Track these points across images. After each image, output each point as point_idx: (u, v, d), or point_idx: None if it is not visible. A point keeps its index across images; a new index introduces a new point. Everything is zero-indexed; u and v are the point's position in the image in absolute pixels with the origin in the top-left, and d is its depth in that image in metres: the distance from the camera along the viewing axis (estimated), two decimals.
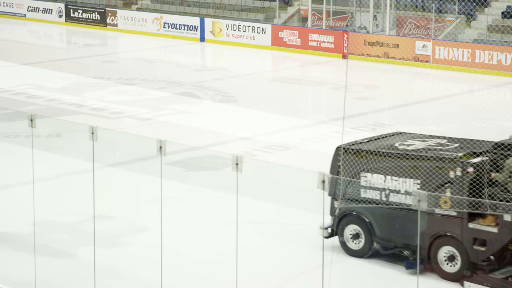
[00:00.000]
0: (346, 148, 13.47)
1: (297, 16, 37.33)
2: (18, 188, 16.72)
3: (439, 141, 13.56)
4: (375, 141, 13.90)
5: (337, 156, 13.47)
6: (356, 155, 13.29)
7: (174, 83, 28.13)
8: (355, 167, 13.34)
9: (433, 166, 12.53)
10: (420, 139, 13.74)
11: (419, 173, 12.63)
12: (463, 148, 12.98)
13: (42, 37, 41.56)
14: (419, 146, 13.28)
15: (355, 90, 26.46)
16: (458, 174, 12.30)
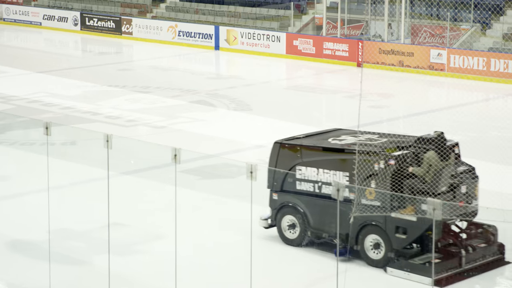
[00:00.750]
0: (282, 143, 14.24)
1: (311, 24, 37.34)
2: (33, 195, 16.77)
3: (370, 136, 14.19)
4: (311, 137, 14.74)
5: (275, 150, 14.27)
6: (291, 150, 14.04)
7: (188, 91, 28.17)
8: (291, 161, 14.04)
9: (360, 159, 13.13)
10: (353, 135, 14.40)
11: (347, 166, 13.31)
12: (391, 143, 13.67)
13: (57, 45, 41.72)
14: (350, 141, 13.96)
15: (370, 98, 26.42)
16: (381, 167, 12.96)
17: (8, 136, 21.10)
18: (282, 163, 14.18)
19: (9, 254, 13.70)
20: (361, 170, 13.14)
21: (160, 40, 39.52)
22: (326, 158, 13.69)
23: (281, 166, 14.16)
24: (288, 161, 14.12)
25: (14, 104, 25.92)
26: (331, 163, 13.60)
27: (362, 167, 13.11)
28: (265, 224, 14.31)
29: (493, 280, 12.81)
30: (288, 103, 26.91)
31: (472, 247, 13.03)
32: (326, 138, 14.45)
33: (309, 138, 14.66)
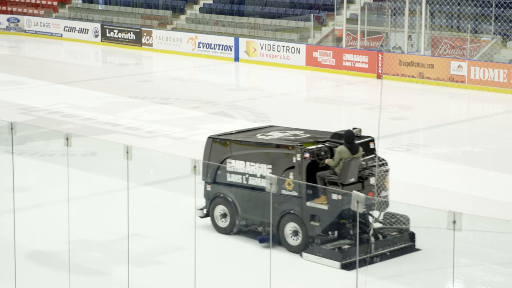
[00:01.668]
0: (214, 138, 15.31)
1: (331, 36, 37.34)
2: (53, 206, 16.82)
3: (295, 132, 15.29)
4: (242, 133, 15.79)
5: (208, 145, 15.34)
6: (222, 144, 15.13)
7: (208, 102, 28.21)
8: (222, 155, 15.13)
9: (280, 153, 14.31)
10: (281, 131, 15.47)
11: (270, 159, 14.45)
12: (311, 138, 14.74)
13: (78, 56, 41.93)
14: (275, 136, 15.05)
15: (390, 110, 26.37)
16: (298, 160, 14.04)
17: (28, 147, 21.18)
18: (214, 157, 15.22)
19: (29, 265, 13.73)
20: (280, 163, 14.27)
21: (180, 52, 39.64)
22: (252, 152, 14.76)
23: (214, 160, 15.18)
24: (219, 155, 15.18)
25: (35, 115, 26.04)
26: (256, 157, 14.65)
27: (283, 160, 14.25)
28: (201, 214, 15.29)
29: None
30: (307, 114, 26.89)
31: (383, 235, 14.03)
32: (255, 134, 15.48)
33: (240, 133, 15.69)
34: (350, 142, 14.02)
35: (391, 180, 14.61)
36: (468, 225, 9.45)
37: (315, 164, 14.12)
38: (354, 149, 14.02)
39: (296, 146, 14.18)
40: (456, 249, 9.79)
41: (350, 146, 13.99)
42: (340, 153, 13.88)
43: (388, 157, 18.30)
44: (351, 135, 14.07)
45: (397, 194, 17.14)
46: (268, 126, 16.41)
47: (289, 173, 14.21)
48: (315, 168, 14.15)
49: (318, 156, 14.13)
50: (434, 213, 11.91)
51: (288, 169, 14.22)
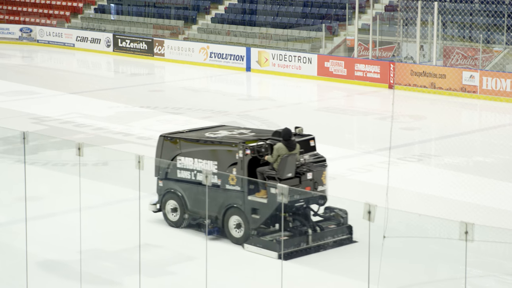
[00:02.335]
0: (165, 136, 16.15)
1: (343, 46, 37.35)
2: (65, 216, 16.85)
3: (242, 131, 16.15)
4: (193, 131, 16.58)
5: (160, 143, 16.15)
6: (172, 142, 15.94)
7: (220, 112, 28.24)
8: (172, 152, 15.93)
9: (224, 150, 15.15)
10: (229, 130, 16.33)
11: (216, 156, 15.29)
12: (255, 136, 15.56)
13: (90, 66, 42.06)
14: (222, 135, 15.87)
15: (402, 120, 26.33)
16: (241, 156, 14.87)
17: (40, 156, 21.24)
18: (165, 154, 16.05)
19: (40, 274, 13.75)
20: (225, 159, 15.13)
21: (191, 62, 39.71)
22: (199, 149, 15.56)
23: (165, 157, 16.04)
24: (170, 152, 15.99)
25: (47, 125, 26.12)
26: (203, 154, 15.47)
27: (227, 156, 15.11)
28: (153, 209, 16.11)
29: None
30: (319, 124, 26.87)
31: (321, 228, 14.92)
32: (204, 132, 16.27)
33: (190, 132, 16.49)
34: (288, 139, 14.82)
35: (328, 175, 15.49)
36: (480, 236, 9.42)
37: (256, 160, 14.96)
38: (291, 146, 14.83)
39: (238, 143, 14.99)
40: (468, 260, 9.76)
41: (287, 143, 14.79)
42: (278, 150, 14.72)
43: (400, 167, 18.37)
44: (288, 133, 14.88)
45: (409, 205, 17.11)
46: (219, 126, 17.36)
47: (232, 169, 15.00)
48: (256, 164, 14.97)
49: (258, 152, 14.99)
50: (446, 223, 11.90)
51: (232, 165, 15.04)
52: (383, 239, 13.49)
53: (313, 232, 14.73)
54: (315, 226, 14.88)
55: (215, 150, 15.34)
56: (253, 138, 15.38)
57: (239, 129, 16.43)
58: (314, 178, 15.13)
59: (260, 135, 15.70)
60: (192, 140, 15.80)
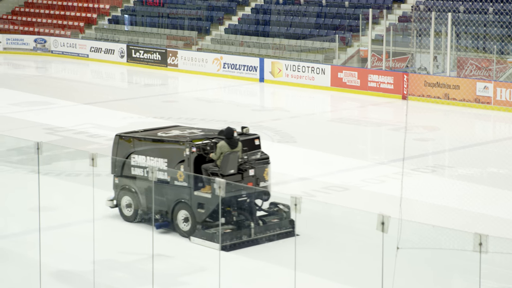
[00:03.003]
0: (120, 135, 17.03)
1: (356, 57, 37.34)
2: (79, 226, 16.87)
3: (193, 131, 17.04)
4: (147, 131, 17.41)
5: (115, 142, 17.04)
6: (127, 141, 16.84)
7: (233, 122, 28.23)
8: (127, 150, 16.79)
9: (173, 148, 16.03)
10: (181, 130, 17.22)
11: (166, 154, 16.16)
12: (204, 135, 16.44)
13: (104, 77, 42.19)
14: (173, 134, 16.72)
15: (415, 131, 26.28)
16: (187, 154, 15.76)
17: (54, 167, 21.28)
18: (121, 152, 16.90)
19: (54, 284, 13.77)
20: (174, 157, 16.00)
21: (205, 72, 39.78)
22: (151, 148, 16.45)
23: (120, 155, 16.85)
24: (125, 150, 16.84)
25: (61, 135, 26.19)
26: (155, 152, 16.34)
27: (176, 154, 15.98)
28: (110, 204, 16.97)
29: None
30: (332, 135, 26.87)
31: (263, 221, 15.73)
32: (157, 132, 17.12)
33: (144, 132, 17.34)
34: (230, 138, 15.77)
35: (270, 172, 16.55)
36: (494, 247, 9.39)
37: (202, 157, 15.89)
38: (233, 144, 15.78)
39: (185, 142, 15.89)
40: (482, 271, 9.72)
41: (229, 141, 15.74)
42: (220, 148, 15.63)
43: (413, 178, 18.32)
44: (230, 132, 15.83)
45: (423, 216, 17.05)
46: (172, 126, 18.26)
47: (180, 165, 15.90)
48: (202, 161, 15.90)
49: (204, 150, 15.89)
50: (460, 235, 11.85)
51: (180, 162, 15.93)
52: (397, 250, 13.45)
53: (256, 225, 15.54)
54: (258, 220, 15.70)
55: (165, 148, 16.23)
56: (200, 137, 16.25)
57: (191, 129, 17.31)
58: (256, 174, 16.07)
59: (208, 134, 16.57)
60: (144, 139, 16.70)
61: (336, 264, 14.73)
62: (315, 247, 14.93)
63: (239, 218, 15.65)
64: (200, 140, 16.06)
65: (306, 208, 13.51)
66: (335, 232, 15.76)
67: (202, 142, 15.98)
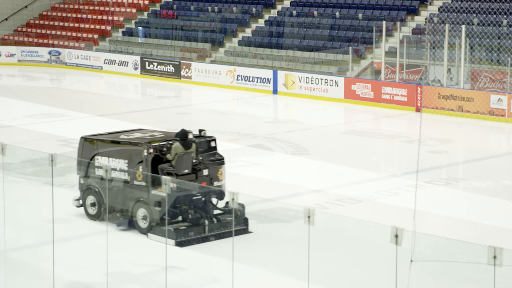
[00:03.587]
0: (85, 138, 18.00)
1: (370, 69, 37.33)
2: (92, 238, 16.90)
3: (154, 134, 17.96)
4: (111, 134, 18.28)
5: (80, 144, 18.01)
6: (91, 143, 17.80)
7: (246, 135, 28.26)
8: (91, 152, 17.70)
9: (133, 149, 16.90)
10: (143, 133, 18.03)
11: (126, 155, 16.98)
12: (162, 138, 17.30)
13: (118, 89, 42.31)
14: (134, 136, 17.56)
15: (429, 143, 26.22)
16: (145, 155, 16.65)
17: (68, 178, 21.31)
18: (85, 154, 17.84)
19: None
20: (133, 158, 16.87)
21: (218, 84, 39.84)
22: (113, 149, 17.28)
23: (85, 156, 17.78)
24: (89, 152, 17.76)
25: (75, 147, 26.17)
26: (116, 153, 17.16)
27: (135, 155, 16.85)
28: (77, 204, 17.86)
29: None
30: (346, 147, 26.83)
31: (218, 219, 16.56)
32: (120, 134, 18.00)
33: (108, 134, 18.24)
34: (184, 139, 16.69)
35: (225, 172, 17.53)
36: (509, 260, 9.35)
37: (159, 158, 16.81)
38: (187, 145, 16.70)
39: (144, 143, 16.79)
40: (497, 285, 9.67)
41: (183, 143, 16.67)
42: (175, 149, 16.58)
43: (427, 191, 18.23)
44: (184, 134, 16.73)
45: (436, 228, 16.99)
46: (136, 129, 19.01)
47: (139, 166, 16.77)
48: (159, 161, 16.81)
49: (160, 151, 16.80)
50: (474, 247, 11.80)
51: (139, 163, 16.80)
52: (410, 263, 13.40)
53: (210, 223, 16.40)
54: (213, 217, 16.58)
55: (125, 150, 17.07)
56: (158, 139, 17.13)
57: (153, 132, 18.27)
58: (210, 174, 16.99)
59: (167, 137, 17.44)
60: (107, 141, 17.60)
61: (350, 276, 14.69)
62: (329, 259, 14.90)
63: (194, 216, 16.56)
64: (157, 142, 16.97)
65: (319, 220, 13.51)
66: (348, 244, 15.73)
67: (158, 144, 16.89)
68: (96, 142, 17.70)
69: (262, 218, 18.32)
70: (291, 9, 43.62)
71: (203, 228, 16.37)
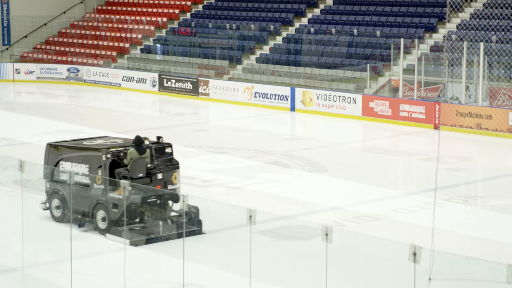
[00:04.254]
0: (50, 144, 18.96)
1: (388, 86, 37.28)
2: (110, 254, 16.91)
3: (115, 140, 19.14)
4: (75, 140, 19.46)
5: (46, 150, 18.93)
6: (56, 149, 18.77)
7: (264, 152, 28.25)
8: (56, 157, 18.72)
9: (93, 155, 18.05)
10: (105, 139, 19.20)
11: (88, 160, 18.17)
12: (121, 144, 18.43)
13: (136, 106, 42.43)
14: (96, 143, 18.69)
15: (447, 161, 26.12)
16: (104, 160, 17.80)
17: None
18: (51, 159, 18.83)
19: None
20: (94, 162, 17.98)
21: (236, 101, 39.88)
22: (75, 155, 18.36)
23: (51, 162, 18.79)
24: (54, 158, 18.77)
25: None
26: (78, 158, 18.29)
27: (95, 160, 17.97)
28: (43, 207, 18.70)
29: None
30: (363, 165, 26.76)
31: (172, 220, 17.53)
32: (83, 141, 19.16)
33: (73, 141, 19.37)
34: (139, 145, 17.93)
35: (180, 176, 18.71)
36: None
37: (117, 163, 17.89)
38: (142, 150, 17.92)
39: (102, 149, 17.90)
40: None
41: (138, 148, 17.89)
42: (130, 154, 17.76)
43: (445, 208, 18.13)
44: (138, 140, 18.00)
45: (455, 247, 16.89)
46: (100, 136, 20.15)
47: (98, 170, 17.90)
48: (117, 166, 17.85)
49: (118, 156, 17.92)
50: (493, 266, 11.72)
51: (99, 167, 17.93)
52: (429, 281, 13.32)
53: (165, 224, 17.46)
54: (167, 219, 17.55)
55: (87, 155, 18.20)
56: (117, 145, 18.21)
57: (115, 139, 19.38)
58: (164, 178, 18.19)
59: (126, 143, 18.53)
60: (70, 147, 18.67)
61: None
62: (346, 276, 14.85)
63: (150, 217, 17.60)
64: (115, 148, 18.08)
65: (337, 238, 13.46)
66: (366, 262, 15.65)
67: (116, 149, 18.00)
68: (61, 148, 18.71)
69: (280, 236, 18.28)
70: (309, 27, 43.68)
71: (158, 228, 17.49)
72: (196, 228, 17.67)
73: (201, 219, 17.70)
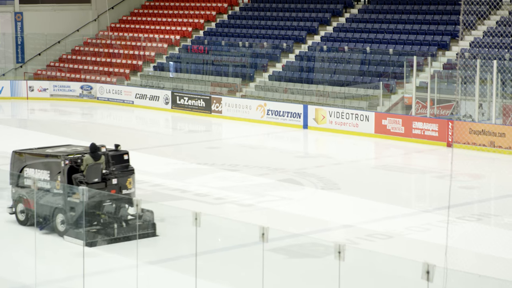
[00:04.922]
0: (16, 151, 20.00)
1: (400, 104, 37.24)
2: (122, 272, 16.89)
3: (76, 148, 20.14)
4: (39, 149, 20.24)
5: (12, 156, 19.94)
6: (20, 156, 19.81)
7: (276, 169, 28.24)
8: (21, 164, 19.73)
9: (53, 161, 19.00)
10: (67, 147, 20.30)
11: (48, 166, 19.08)
12: (80, 151, 19.48)
13: (148, 123, 42.52)
14: (57, 150, 19.63)
15: (460, 179, 26.04)
16: (62, 166, 18.79)
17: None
18: (16, 166, 19.86)
19: None
20: (54, 168, 18.92)
21: (249, 119, 39.91)
22: (37, 161, 19.36)
23: (16, 168, 19.82)
24: (19, 164, 19.80)
25: None
26: (40, 165, 19.27)
27: (55, 166, 18.89)
28: (10, 211, 19.78)
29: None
30: (376, 182, 26.70)
31: (127, 223, 18.43)
32: (46, 148, 20.12)
33: (38, 149, 20.19)
34: (94, 152, 19.06)
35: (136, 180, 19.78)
36: None
37: (75, 169, 18.91)
38: (97, 157, 19.02)
39: (61, 155, 18.88)
40: None
41: (93, 155, 19.00)
42: (85, 160, 18.81)
43: (459, 226, 18.07)
44: (93, 147, 19.17)
45: (468, 265, 16.81)
46: (64, 145, 21.01)
47: (58, 176, 18.81)
48: (75, 172, 18.86)
49: (75, 163, 18.93)
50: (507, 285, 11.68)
51: (58, 173, 18.87)
52: None
53: (119, 226, 18.24)
54: (122, 221, 18.40)
55: (48, 162, 19.14)
56: (76, 153, 19.21)
57: (76, 147, 20.35)
58: (119, 183, 19.20)
59: (85, 150, 19.46)
60: (32, 154, 19.63)
61: None
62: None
63: (105, 220, 18.40)
64: (73, 155, 19.06)
65: (349, 256, 13.42)
66: (379, 280, 15.59)
67: (73, 156, 18.99)
68: (24, 155, 19.75)
69: (292, 253, 18.24)
70: (322, 44, 43.73)
71: (113, 231, 18.21)
72: (151, 230, 18.69)
73: (155, 223, 18.79)
